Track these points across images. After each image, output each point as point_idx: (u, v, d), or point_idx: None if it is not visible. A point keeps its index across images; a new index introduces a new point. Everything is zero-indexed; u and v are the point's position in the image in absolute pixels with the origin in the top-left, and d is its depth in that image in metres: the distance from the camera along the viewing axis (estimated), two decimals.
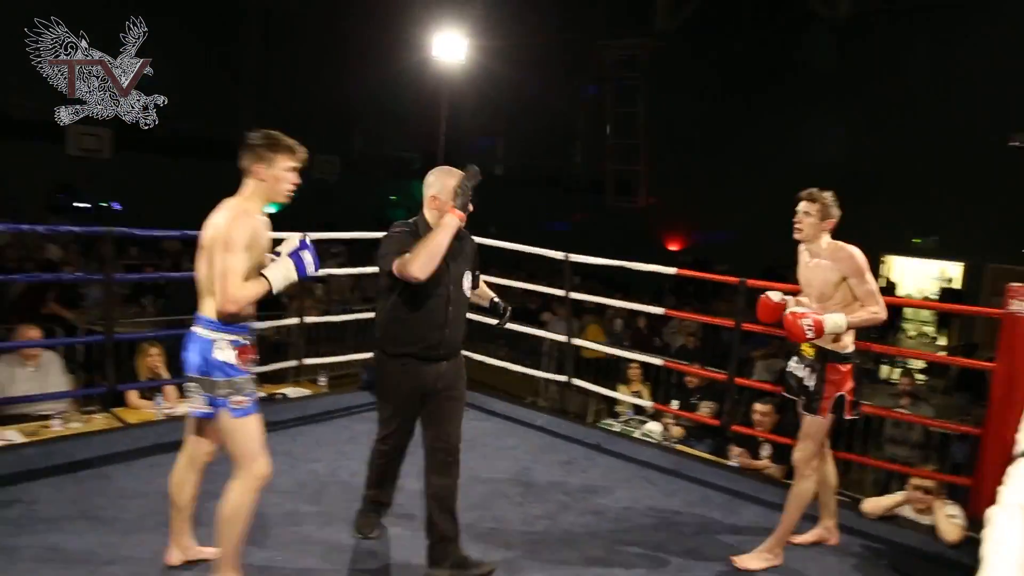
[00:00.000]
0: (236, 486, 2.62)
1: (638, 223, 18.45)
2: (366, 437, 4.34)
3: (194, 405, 2.64)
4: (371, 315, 5.95)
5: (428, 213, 3.02)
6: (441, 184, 2.98)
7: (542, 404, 7.42)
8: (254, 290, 2.55)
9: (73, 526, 3.08)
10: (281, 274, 2.61)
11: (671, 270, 5.08)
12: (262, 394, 5.15)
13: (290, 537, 3.17)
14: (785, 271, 4.05)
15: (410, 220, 3.07)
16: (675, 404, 6.30)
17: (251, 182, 2.66)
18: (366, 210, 18.10)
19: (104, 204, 14.77)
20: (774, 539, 3.31)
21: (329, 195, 17.81)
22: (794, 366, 3.36)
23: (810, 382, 3.22)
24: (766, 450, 5.12)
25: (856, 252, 3.17)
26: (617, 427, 5.58)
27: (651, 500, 3.93)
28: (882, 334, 12.98)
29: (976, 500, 3.60)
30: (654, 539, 3.47)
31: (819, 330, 3.03)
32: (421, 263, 2.75)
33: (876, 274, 16.95)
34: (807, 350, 3.27)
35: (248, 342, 2.63)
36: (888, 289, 15.52)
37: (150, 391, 4.91)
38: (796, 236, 3.28)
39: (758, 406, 5.16)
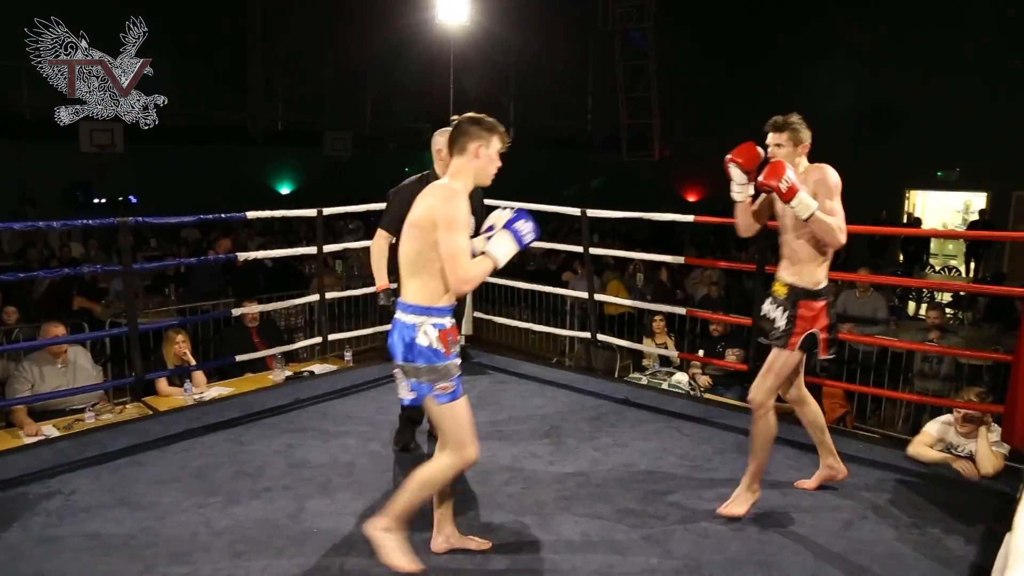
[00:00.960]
0: (443, 458, 2.63)
1: (655, 176, 18.27)
2: (394, 407, 4.39)
3: (401, 392, 2.63)
4: (392, 286, 6.01)
5: (436, 166, 3.66)
6: (443, 140, 3.21)
7: (568, 363, 7.42)
8: (482, 268, 2.54)
9: (111, 513, 3.13)
10: (504, 249, 2.59)
11: (688, 217, 5.03)
12: (288, 373, 5.25)
13: (325, 509, 3.20)
14: None
15: (423, 173, 3.71)
16: (701, 353, 6.28)
17: (463, 162, 2.61)
18: (380, 183, 18.11)
19: (120, 198, 14.87)
20: (747, 480, 3.23)
21: (343, 171, 17.81)
22: (767, 308, 3.24)
23: (781, 322, 3.12)
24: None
25: (831, 170, 3.04)
26: (644, 380, 5.58)
27: (682, 449, 3.92)
28: (908, 270, 12.82)
29: (1009, 428, 3.55)
30: (687, 488, 3.46)
31: (792, 191, 2.87)
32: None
33: (900, 209, 16.80)
34: (779, 289, 3.17)
35: (450, 325, 2.57)
36: (914, 224, 15.28)
37: (179, 378, 4.98)
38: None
39: None
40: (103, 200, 14.62)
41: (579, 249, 5.51)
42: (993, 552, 2.84)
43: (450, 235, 2.45)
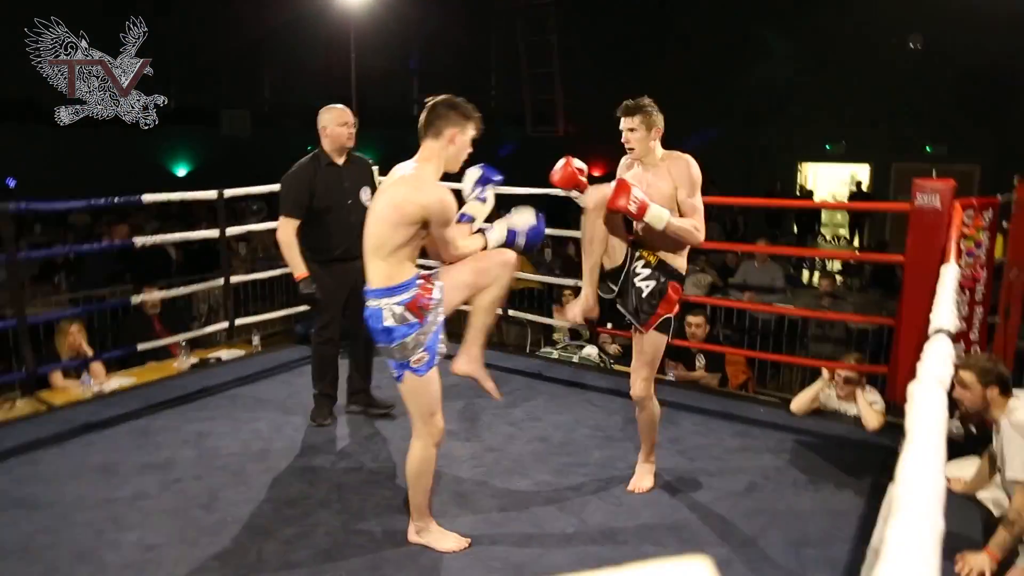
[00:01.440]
0: (417, 445, 2.70)
1: (559, 152, 18.44)
2: (305, 390, 4.33)
3: (392, 373, 2.65)
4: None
5: (324, 143, 3.81)
6: (328, 117, 3.79)
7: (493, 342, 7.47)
8: (474, 246, 2.64)
9: (5, 516, 2.96)
10: (496, 237, 2.66)
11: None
12: (194, 360, 5.08)
13: (240, 497, 3.14)
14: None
15: (313, 154, 3.84)
16: (609, 325, 6.43)
17: (437, 146, 2.58)
18: (282, 163, 17.57)
19: None
20: (643, 456, 3.30)
21: (242, 151, 17.18)
22: (639, 268, 3.05)
23: (646, 293, 3.01)
24: (700, 360, 5.29)
25: (692, 163, 3.01)
26: (555, 354, 5.68)
27: (594, 421, 4.03)
28: (802, 239, 13.48)
29: (892, 386, 3.83)
30: (600, 458, 3.57)
31: (642, 209, 2.82)
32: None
33: (793, 181, 17.59)
34: (650, 257, 3.04)
35: (414, 294, 2.52)
36: (807, 195, 16.05)
37: (75, 370, 4.73)
38: (631, 156, 3.09)
39: (691, 318, 5.31)
40: None
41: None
42: (878, 503, 3.07)
43: (445, 231, 2.50)
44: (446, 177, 2.67)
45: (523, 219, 2.72)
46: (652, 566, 2.65)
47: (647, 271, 3.04)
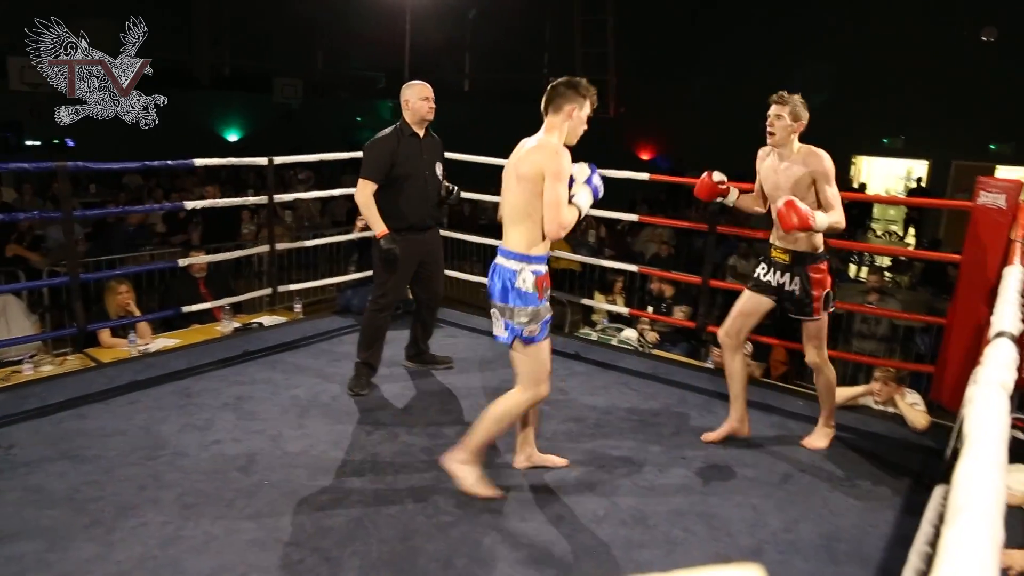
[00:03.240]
0: (516, 394, 2.90)
1: (609, 133, 18.27)
2: (345, 360, 4.40)
3: (496, 331, 2.88)
4: (343, 238, 5.94)
5: (406, 115, 3.97)
6: (411, 92, 3.96)
7: None
8: (573, 216, 2.77)
9: (54, 467, 3.07)
10: (586, 201, 2.84)
11: (644, 175, 5.06)
12: (237, 324, 5.18)
13: (276, 461, 3.20)
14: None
15: (396, 126, 3.98)
16: (650, 310, 6.38)
17: (557, 120, 2.84)
18: (332, 132, 17.71)
19: (56, 141, 14.25)
20: (824, 418, 3.61)
21: (293, 119, 17.39)
22: (769, 276, 3.40)
23: (793, 287, 3.33)
24: (748, 348, 5.21)
25: (827, 157, 3.23)
26: (594, 336, 5.66)
27: (630, 404, 4.01)
28: (851, 233, 13.16)
29: (938, 386, 3.73)
30: (633, 442, 3.55)
31: (809, 223, 3.07)
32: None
33: (847, 174, 17.19)
34: (780, 256, 3.35)
35: (545, 272, 2.82)
36: (859, 190, 15.64)
37: (122, 329, 4.86)
38: (769, 141, 3.32)
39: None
40: (37, 143, 14.02)
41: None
42: (915, 502, 3.01)
43: (556, 185, 2.68)
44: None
45: (588, 174, 2.88)
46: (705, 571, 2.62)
47: (777, 274, 3.37)
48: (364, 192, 3.86)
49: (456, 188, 4.21)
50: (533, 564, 2.57)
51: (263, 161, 4.92)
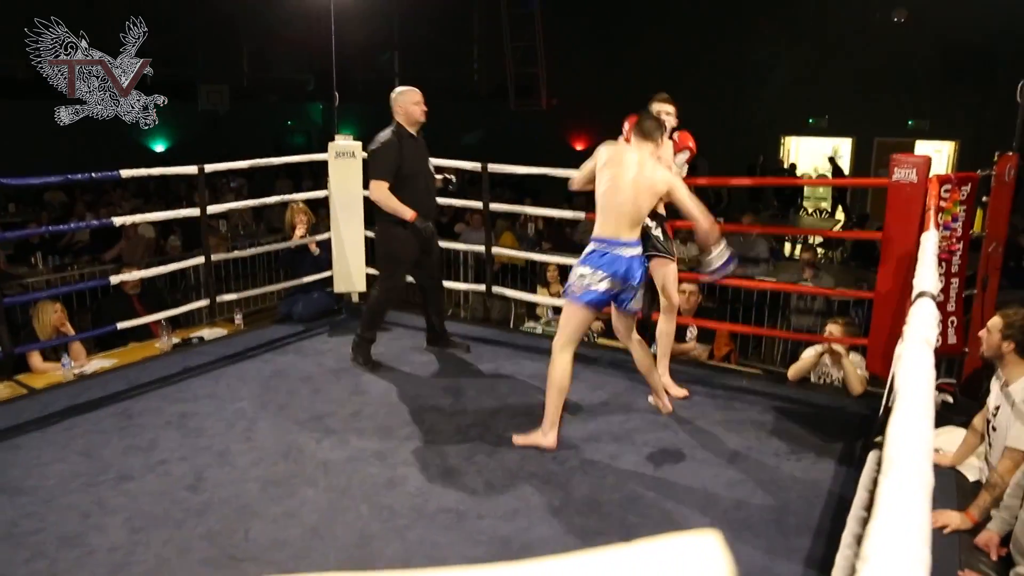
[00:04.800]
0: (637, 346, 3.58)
1: (543, 126, 18.34)
2: (291, 369, 4.34)
3: (635, 304, 3.42)
4: (280, 246, 5.83)
5: (401, 118, 4.30)
6: (404, 98, 4.30)
7: (463, 315, 7.47)
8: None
9: None
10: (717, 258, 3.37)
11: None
12: (176, 340, 5.05)
13: (226, 477, 3.14)
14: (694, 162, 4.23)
15: (395, 128, 4.28)
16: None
17: (651, 148, 3.40)
18: (262, 138, 17.32)
19: None
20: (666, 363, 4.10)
21: (221, 126, 16.95)
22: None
23: (656, 232, 3.96)
24: (691, 332, 5.31)
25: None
26: (539, 329, 5.70)
27: (579, 395, 4.05)
28: (784, 214, 13.53)
29: (872, 357, 3.87)
30: (584, 431, 3.60)
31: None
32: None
33: (777, 154, 17.54)
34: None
35: None
36: (790, 170, 16.09)
37: (54, 353, 4.68)
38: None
39: (684, 285, 5.31)
40: None
41: (477, 204, 5.51)
42: (856, 470, 3.13)
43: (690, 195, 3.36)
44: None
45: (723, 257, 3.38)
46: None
47: (653, 221, 3.90)
48: (381, 190, 4.20)
49: (455, 178, 4.71)
50: (491, 560, 2.58)
51: (193, 170, 4.78)
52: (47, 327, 4.76)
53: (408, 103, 4.29)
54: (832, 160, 15.63)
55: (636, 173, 3.29)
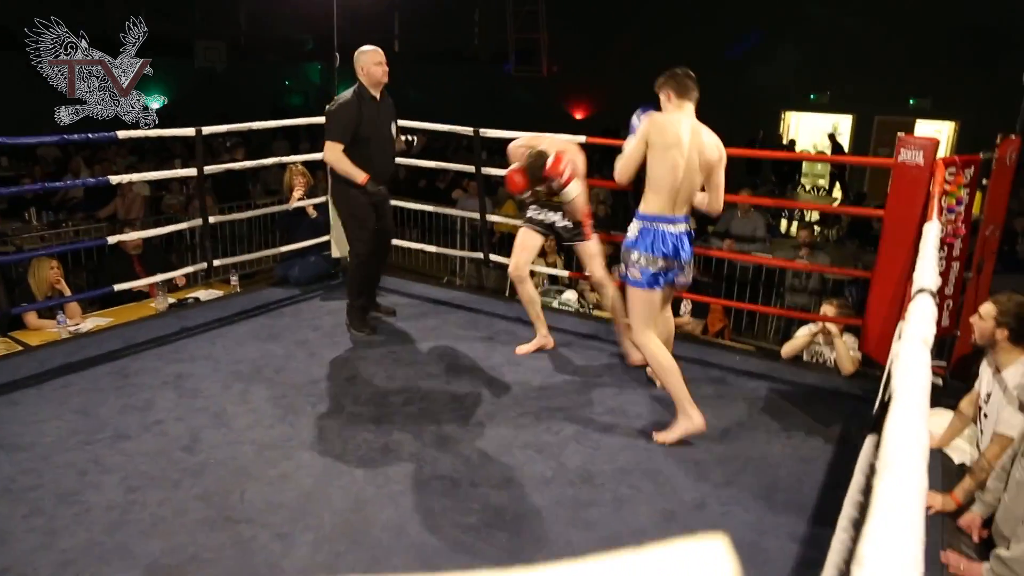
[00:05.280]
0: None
1: (543, 92, 18.20)
2: (287, 332, 4.36)
3: (687, 277, 3.31)
4: (276, 209, 5.81)
5: (363, 79, 4.20)
6: (365, 58, 4.18)
7: (459, 283, 7.48)
8: None
9: None
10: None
11: (580, 138, 5.07)
12: (172, 300, 5.05)
13: (222, 438, 3.17)
14: None
15: (356, 89, 4.19)
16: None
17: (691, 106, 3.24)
18: (259, 97, 17.18)
19: None
20: (625, 327, 3.96)
21: (218, 84, 16.77)
22: (541, 215, 4.11)
23: (565, 221, 4.06)
24: (686, 306, 5.35)
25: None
26: None
27: (572, 366, 4.08)
28: (782, 190, 13.53)
29: (865, 338, 3.91)
30: (578, 402, 3.63)
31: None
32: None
33: (776, 130, 17.47)
34: (556, 199, 4.02)
35: None
36: (788, 146, 16.02)
37: (49, 310, 4.68)
38: None
39: None
40: None
41: (470, 168, 5.50)
42: (846, 451, 3.18)
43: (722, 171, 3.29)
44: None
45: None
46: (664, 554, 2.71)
47: (559, 212, 4.07)
48: (335, 152, 4.14)
49: (414, 139, 4.60)
50: (484, 528, 2.63)
51: (191, 132, 4.74)
52: (43, 284, 4.76)
53: (369, 63, 4.20)
54: (832, 137, 15.59)
55: (692, 142, 3.15)
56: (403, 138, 4.57)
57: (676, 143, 3.11)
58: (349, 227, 4.41)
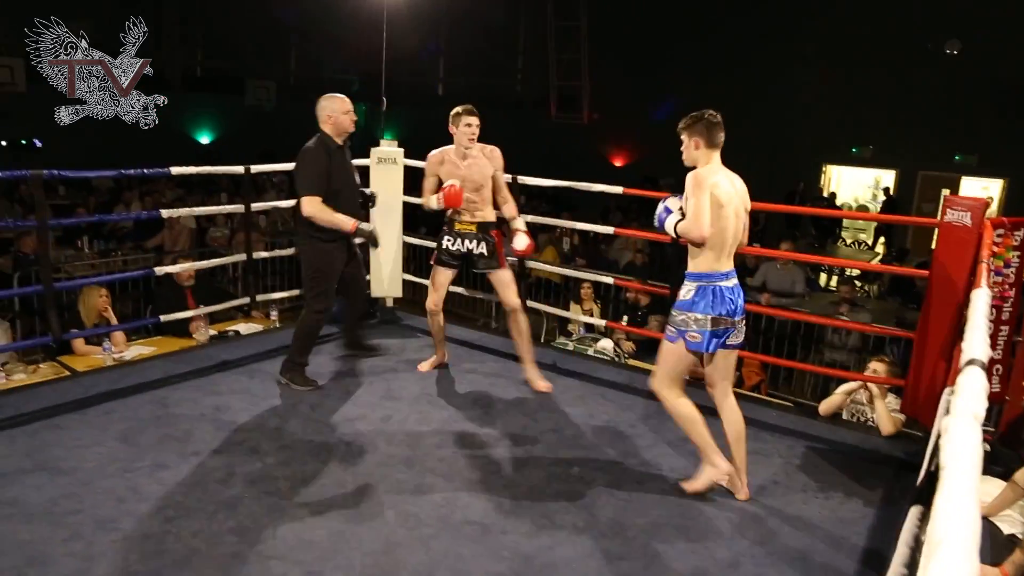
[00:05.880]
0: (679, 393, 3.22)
1: (583, 140, 18.37)
2: (323, 369, 4.39)
3: (737, 339, 3.17)
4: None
5: (329, 128, 4.05)
6: (334, 106, 4.03)
7: (495, 326, 7.50)
8: None
9: (31, 479, 3.04)
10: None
11: (617, 189, 5.12)
12: (213, 332, 5.14)
13: (256, 473, 3.19)
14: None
15: (320, 137, 4.05)
16: (625, 320, 6.45)
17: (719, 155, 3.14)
18: (304, 136, 17.59)
19: (24, 142, 13.96)
20: (529, 359, 4.36)
21: (266, 122, 17.24)
22: (456, 246, 4.22)
23: (480, 249, 4.19)
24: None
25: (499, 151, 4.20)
26: (571, 346, 5.71)
27: (607, 415, 4.06)
28: (822, 243, 13.40)
29: (909, 400, 3.82)
30: (612, 453, 3.60)
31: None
32: None
33: (817, 183, 17.38)
34: (468, 227, 4.19)
35: None
36: (830, 199, 15.90)
37: (96, 336, 4.80)
38: (469, 145, 4.13)
39: None
40: (2, 143, 13.74)
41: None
42: (888, 515, 3.09)
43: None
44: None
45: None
46: None
47: (475, 240, 4.21)
48: (315, 204, 3.95)
49: (374, 194, 4.67)
50: None
51: (240, 170, 4.89)
52: (92, 311, 4.90)
53: (338, 112, 4.03)
54: (887, 191, 15.41)
55: (738, 194, 3.12)
56: (365, 191, 4.50)
57: (729, 201, 3.04)
58: (313, 282, 4.13)
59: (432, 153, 4.24)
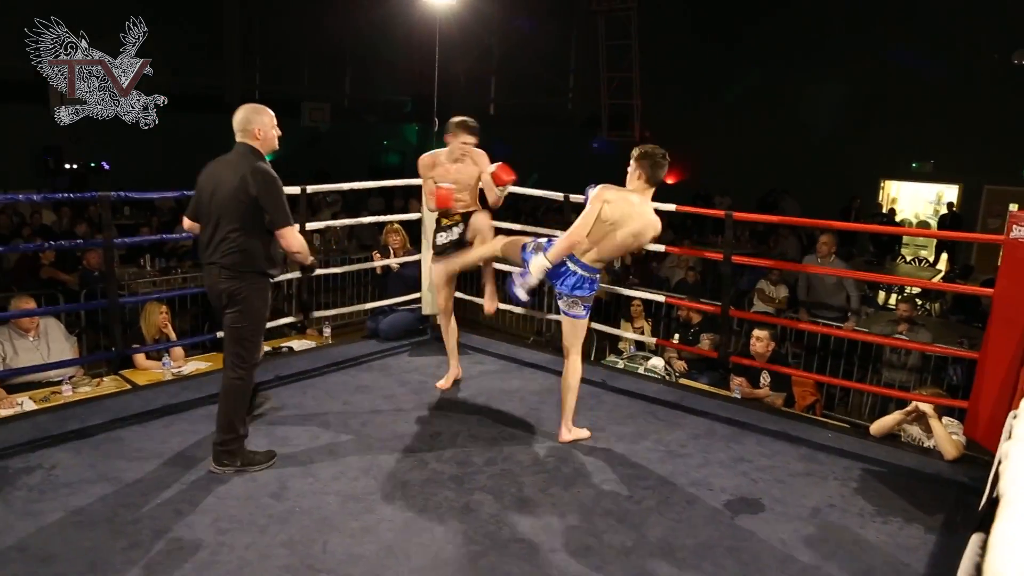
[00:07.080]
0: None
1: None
2: (375, 387, 4.45)
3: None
4: (371, 265, 6.02)
5: (258, 144, 3.39)
6: (265, 120, 3.39)
7: (544, 343, 7.50)
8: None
9: (94, 489, 3.15)
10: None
11: (670, 206, 5.08)
12: (267, 348, 5.24)
13: (308, 488, 3.25)
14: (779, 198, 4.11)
15: (255, 159, 3.34)
16: (676, 338, 6.38)
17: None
18: (358, 156, 17.93)
19: (93, 164, 14.54)
20: (489, 277, 4.62)
21: (320, 142, 17.63)
22: (447, 238, 4.34)
23: (456, 234, 4.35)
24: (765, 378, 5.19)
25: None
26: (621, 364, 5.66)
27: (657, 434, 4.01)
28: (880, 261, 13.05)
29: (972, 422, 3.69)
30: (661, 472, 3.55)
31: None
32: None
33: (876, 199, 16.92)
34: (454, 219, 4.34)
35: None
36: (889, 215, 15.47)
37: (156, 351, 4.96)
38: (461, 157, 4.26)
39: (756, 331, 5.21)
40: (74, 166, 14.31)
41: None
42: (949, 540, 2.98)
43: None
44: None
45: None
46: None
47: (461, 225, 4.36)
48: (296, 234, 3.42)
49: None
50: None
51: (296, 190, 5.01)
52: (153, 327, 5.06)
53: (268, 126, 3.39)
54: (950, 206, 14.94)
55: (631, 218, 3.81)
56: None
57: (617, 221, 3.70)
58: (252, 333, 3.40)
59: (423, 157, 4.37)
